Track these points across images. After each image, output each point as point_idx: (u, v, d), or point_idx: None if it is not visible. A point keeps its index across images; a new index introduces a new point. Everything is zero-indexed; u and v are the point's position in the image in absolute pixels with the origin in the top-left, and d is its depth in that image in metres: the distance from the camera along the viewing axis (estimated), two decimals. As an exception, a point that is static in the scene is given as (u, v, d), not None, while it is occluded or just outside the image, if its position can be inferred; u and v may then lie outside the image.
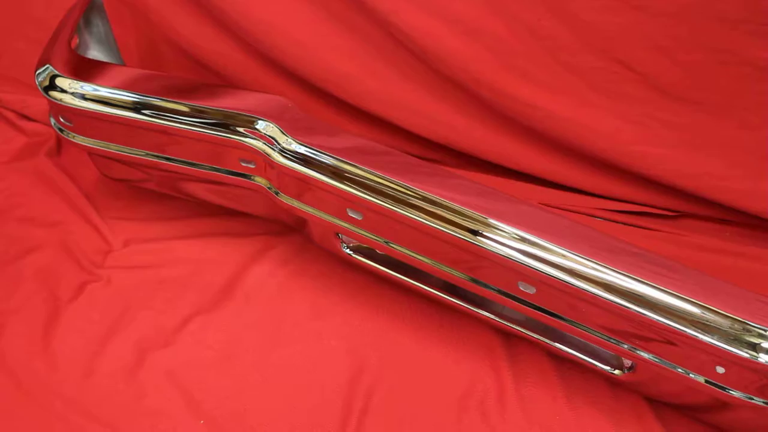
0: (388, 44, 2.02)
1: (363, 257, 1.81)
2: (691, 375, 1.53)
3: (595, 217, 2.06)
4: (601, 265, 1.54)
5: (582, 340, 1.63)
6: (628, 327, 1.54)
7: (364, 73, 2.07)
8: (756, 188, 1.95)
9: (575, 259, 1.54)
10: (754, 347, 1.46)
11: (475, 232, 1.59)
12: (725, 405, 1.56)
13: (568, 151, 2.04)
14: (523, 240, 1.57)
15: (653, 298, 1.51)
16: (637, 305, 1.51)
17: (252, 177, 1.81)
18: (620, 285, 1.52)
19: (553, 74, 1.95)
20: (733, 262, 1.96)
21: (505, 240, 1.58)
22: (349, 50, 2.06)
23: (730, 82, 1.88)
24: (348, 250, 1.81)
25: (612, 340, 1.57)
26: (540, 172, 2.10)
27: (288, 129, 1.75)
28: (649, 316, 1.50)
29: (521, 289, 1.60)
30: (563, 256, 1.55)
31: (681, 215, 2.08)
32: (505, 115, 2.02)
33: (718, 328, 1.48)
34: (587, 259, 1.55)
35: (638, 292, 1.52)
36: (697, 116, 1.93)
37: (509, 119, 2.03)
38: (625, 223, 2.07)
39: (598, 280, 1.53)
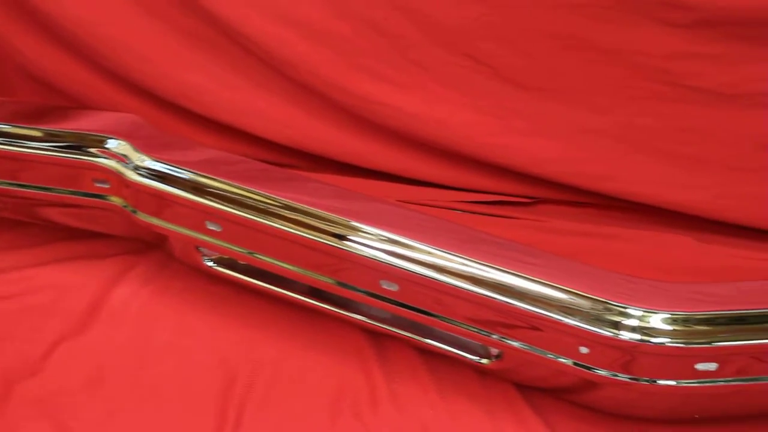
0: (236, 52, 2.05)
1: (225, 269, 1.84)
2: (557, 358, 1.60)
3: (454, 209, 2.12)
4: (461, 257, 1.60)
5: (449, 332, 1.68)
6: (493, 316, 1.60)
7: (214, 83, 2.09)
8: (608, 170, 2.03)
9: (435, 254, 1.61)
10: (616, 325, 1.53)
11: (335, 235, 1.64)
12: (593, 384, 1.62)
13: (422, 147, 2.10)
14: (383, 239, 1.63)
15: (515, 285, 1.58)
16: (500, 294, 1.58)
17: (107, 197, 1.82)
18: (481, 275, 1.59)
19: (402, 71, 2.01)
20: (591, 243, 2.04)
21: (365, 240, 1.64)
22: (197, 61, 2.08)
23: (576, 67, 1.95)
24: (210, 263, 1.83)
25: (478, 331, 1.63)
26: (396, 170, 2.15)
27: (140, 146, 1.77)
28: (512, 304, 1.57)
29: (384, 287, 1.65)
30: (423, 251, 1.61)
31: (538, 201, 2.16)
32: (358, 115, 2.07)
33: (580, 310, 1.55)
34: (447, 253, 1.61)
35: (500, 281, 1.58)
36: (546, 104, 2.01)
37: (362, 119, 2.08)
38: (483, 214, 2.13)
39: (459, 272, 1.60)
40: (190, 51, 2.07)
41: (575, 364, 1.58)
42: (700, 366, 1.53)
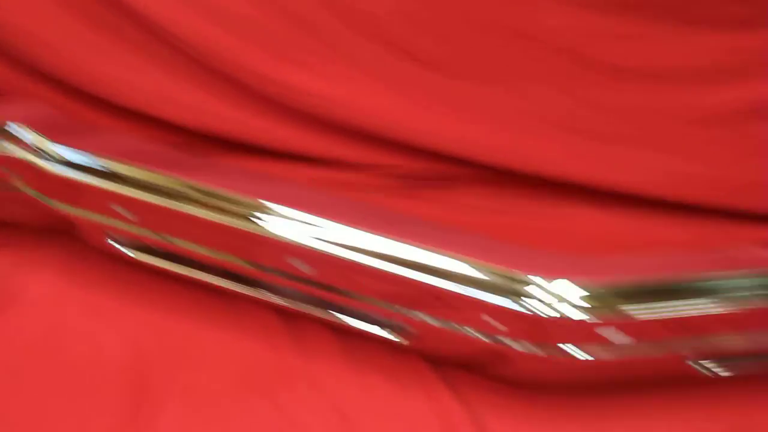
0: (148, 39, 2.04)
1: (135, 253, 1.83)
2: (469, 333, 1.62)
3: (369, 191, 2.11)
4: (372, 235, 1.63)
5: (362, 310, 1.70)
6: (404, 292, 1.63)
7: (126, 70, 2.08)
8: (523, 147, 2.07)
9: (346, 232, 1.61)
10: (528, 297, 1.57)
11: (248, 217, 1.63)
12: (504, 357, 1.65)
13: (344, 132, 2.11)
14: (295, 219, 1.62)
15: (427, 262, 1.60)
16: (411, 270, 1.60)
17: (15, 185, 1.79)
18: (392, 253, 1.61)
19: (326, 61, 2.02)
20: (506, 219, 2.08)
21: (280, 221, 1.64)
22: (109, 50, 2.07)
23: (491, 49, 1.98)
24: (119, 248, 1.82)
25: (390, 308, 1.65)
26: (316, 154, 2.14)
27: (49, 133, 1.75)
28: (423, 280, 1.59)
29: (298, 267, 1.66)
30: (335, 230, 1.62)
31: (453, 179, 2.17)
32: (280, 104, 2.07)
33: (492, 284, 1.58)
34: (358, 231, 1.63)
35: (411, 257, 1.60)
36: (464, 86, 2.03)
37: (285, 107, 2.08)
38: (397, 192, 2.14)
39: (370, 250, 1.62)
40: (102, 39, 2.05)
41: (487, 337, 1.61)
42: (609, 335, 1.57)
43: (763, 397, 1.72)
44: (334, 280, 1.66)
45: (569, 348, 1.58)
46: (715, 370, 1.67)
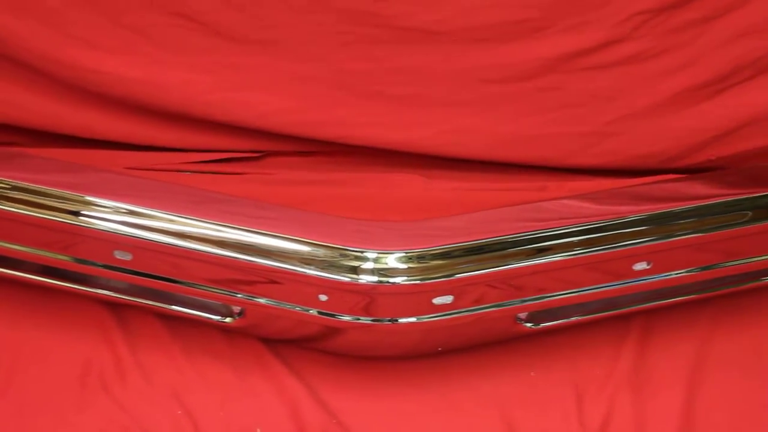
0: None
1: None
2: (299, 309, 1.65)
3: (183, 171, 2.13)
4: (192, 219, 1.64)
5: (188, 296, 1.71)
6: (230, 275, 1.65)
7: None
8: (330, 117, 2.09)
9: (165, 218, 1.62)
10: (354, 270, 1.60)
11: (64, 211, 1.62)
12: (336, 330, 1.70)
13: (145, 112, 2.09)
14: (114, 209, 1.61)
15: (249, 242, 1.63)
16: (235, 252, 1.62)
17: None
18: (214, 235, 1.63)
19: (116, 38, 2.00)
20: (321, 190, 2.11)
21: (96, 213, 1.63)
22: None
23: (285, 18, 1.99)
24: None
25: (216, 291, 1.67)
26: (121, 137, 2.13)
27: None
28: (248, 260, 1.62)
29: (118, 257, 1.66)
30: (153, 217, 1.62)
31: (265, 155, 2.19)
32: (75, 85, 2.03)
33: (316, 259, 1.61)
34: (177, 216, 1.63)
35: (233, 238, 1.63)
36: (261, 56, 2.04)
37: (81, 89, 2.05)
38: (213, 172, 2.15)
39: (190, 234, 1.64)
40: None
41: (318, 312, 1.64)
42: (438, 300, 1.63)
43: (593, 344, 1.84)
44: (159, 268, 1.66)
45: (403, 317, 1.63)
46: (537, 325, 1.76)
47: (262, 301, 1.65)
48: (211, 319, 1.73)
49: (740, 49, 1.99)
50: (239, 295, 1.66)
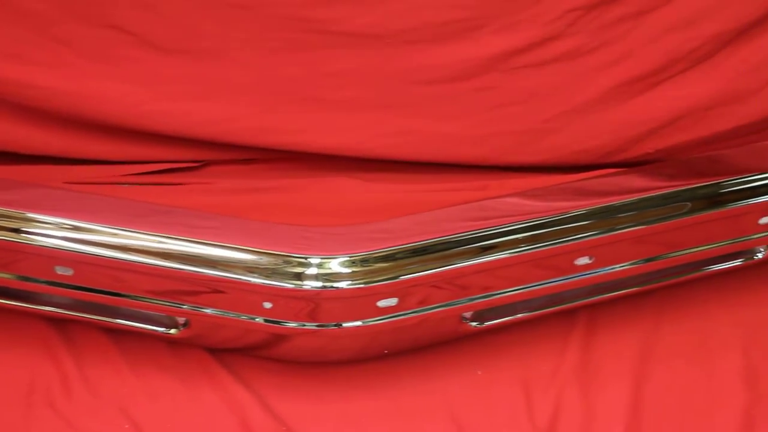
0: None
1: None
2: (244, 317, 1.66)
3: (123, 184, 2.12)
4: (133, 232, 1.63)
5: (132, 309, 1.70)
6: (173, 285, 1.65)
7: None
8: (268, 124, 2.09)
9: (106, 232, 1.61)
10: (299, 276, 1.61)
11: (4, 228, 1.64)
12: (282, 337, 1.71)
13: (82, 125, 2.08)
14: (53, 224, 1.62)
15: (191, 252, 1.63)
16: (177, 263, 1.62)
17: None
18: (156, 247, 1.63)
19: (46, 51, 1.99)
20: (262, 198, 2.11)
21: (35, 229, 1.64)
22: None
23: (215, 26, 1.99)
24: None
25: (160, 302, 1.67)
26: (58, 151, 2.12)
27: None
28: (192, 270, 1.62)
29: (60, 273, 1.65)
30: (94, 231, 1.60)
31: (205, 164, 2.19)
32: (8, 101, 2.03)
33: (260, 267, 1.61)
34: (118, 229, 1.62)
35: (175, 249, 1.63)
36: (194, 65, 2.04)
37: (15, 105, 2.04)
38: (153, 184, 2.14)
39: (132, 247, 1.63)
40: None
41: (263, 320, 1.65)
42: (383, 303, 1.64)
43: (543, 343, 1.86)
44: (102, 282, 1.66)
45: (346, 320, 1.64)
46: (482, 323, 1.78)
47: (206, 311, 1.66)
48: (156, 331, 1.73)
49: (673, 42, 2.03)
50: (184, 306, 1.66)
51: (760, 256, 1.93)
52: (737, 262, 1.94)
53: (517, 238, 1.69)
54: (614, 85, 2.06)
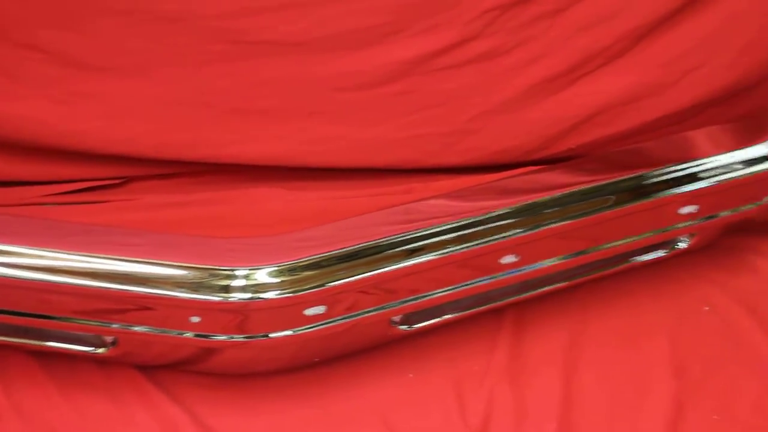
0: None
1: None
2: (173, 333, 1.66)
3: (44, 204, 2.10)
4: (56, 252, 1.63)
5: (59, 330, 1.70)
6: (100, 304, 1.65)
7: None
8: (191, 137, 2.09)
9: (29, 254, 1.61)
10: (226, 288, 1.61)
11: None
12: (212, 350, 1.72)
13: (0, 146, 2.04)
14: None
15: (117, 270, 1.62)
16: (103, 281, 1.61)
17: None
18: (81, 267, 1.62)
19: None
20: (187, 212, 2.11)
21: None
22: None
23: (142, 41, 1.99)
24: None
25: (87, 322, 1.67)
26: None
27: None
28: (118, 288, 1.61)
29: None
30: (15, 253, 1.61)
31: (128, 180, 2.17)
32: None
33: (187, 281, 1.62)
34: (41, 250, 1.63)
35: (100, 268, 1.62)
36: (120, 82, 2.03)
37: None
38: (76, 203, 2.12)
39: (56, 268, 1.62)
40: None
41: (192, 335, 1.66)
42: (310, 311, 1.65)
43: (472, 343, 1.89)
44: (26, 305, 1.65)
45: (274, 330, 1.66)
46: (412, 326, 1.81)
47: (134, 328, 1.66)
48: (84, 351, 1.72)
49: (589, 39, 2.06)
50: (111, 325, 1.65)
51: (683, 245, 1.98)
52: (661, 253, 1.98)
53: (442, 240, 1.72)
54: (533, 84, 2.09)
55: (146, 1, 1.94)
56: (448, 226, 1.73)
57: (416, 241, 1.71)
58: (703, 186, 1.88)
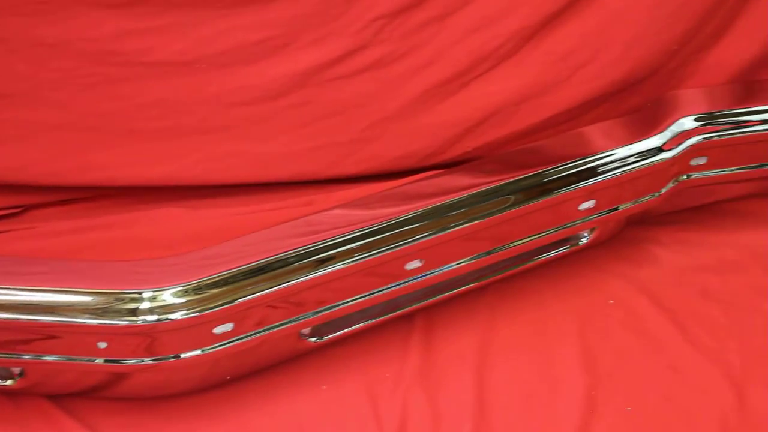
0: None
1: None
2: (81, 360, 1.66)
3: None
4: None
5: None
6: (4, 336, 1.63)
7: None
8: (86, 161, 2.07)
9: None
10: (134, 312, 1.62)
11: None
12: (122, 375, 1.72)
13: None
14: None
15: (20, 300, 1.61)
16: (5, 312, 1.60)
17: None
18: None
19: None
20: (88, 237, 2.09)
21: None
22: None
23: (26, 68, 1.97)
24: None
25: (-8, 356, 1.65)
26: None
27: None
28: (22, 319, 1.61)
29: None
30: None
31: (26, 208, 2.15)
32: None
33: (92, 307, 1.62)
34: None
35: (2, 299, 1.60)
36: (7, 109, 2.00)
37: None
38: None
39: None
40: None
41: (101, 361, 1.66)
42: (219, 329, 1.66)
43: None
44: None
45: (184, 350, 1.66)
46: (321, 338, 1.83)
47: (42, 358, 1.65)
48: (-13, 384, 1.72)
49: (478, 41, 2.09)
50: (17, 356, 1.64)
51: (584, 240, 2.03)
52: (564, 249, 2.03)
53: (346, 249, 1.74)
54: (426, 89, 2.12)
55: (23, 28, 1.92)
56: (350, 236, 1.76)
57: (319, 253, 1.73)
58: (600, 180, 1.93)
